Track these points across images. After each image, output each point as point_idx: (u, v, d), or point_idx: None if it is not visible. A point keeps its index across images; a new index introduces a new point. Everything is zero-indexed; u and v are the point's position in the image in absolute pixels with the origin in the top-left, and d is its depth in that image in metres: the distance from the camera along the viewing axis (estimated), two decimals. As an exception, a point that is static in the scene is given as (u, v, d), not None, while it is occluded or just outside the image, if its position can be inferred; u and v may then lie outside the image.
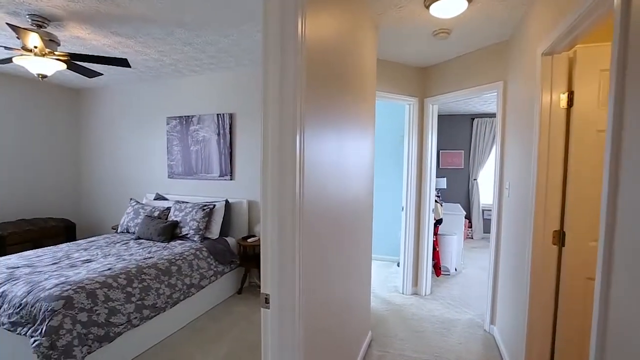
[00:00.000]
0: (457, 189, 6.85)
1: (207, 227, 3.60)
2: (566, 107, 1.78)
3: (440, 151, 6.69)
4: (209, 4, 2.29)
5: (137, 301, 2.42)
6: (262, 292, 1.19)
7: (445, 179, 6.33)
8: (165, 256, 2.91)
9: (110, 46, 3.05)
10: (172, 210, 3.75)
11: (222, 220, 3.70)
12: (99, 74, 3.03)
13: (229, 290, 3.58)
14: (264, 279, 1.19)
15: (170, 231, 3.50)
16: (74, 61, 2.68)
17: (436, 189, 3.92)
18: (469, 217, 6.68)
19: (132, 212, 3.89)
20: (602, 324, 1.03)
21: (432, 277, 3.91)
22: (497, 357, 2.51)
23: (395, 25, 2.53)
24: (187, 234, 3.53)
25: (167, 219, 3.71)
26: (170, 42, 2.97)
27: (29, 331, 2.00)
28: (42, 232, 4.12)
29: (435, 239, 4.07)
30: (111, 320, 2.21)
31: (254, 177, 3.86)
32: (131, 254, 2.95)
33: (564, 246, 1.81)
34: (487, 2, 2.15)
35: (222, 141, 4.00)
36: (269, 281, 1.18)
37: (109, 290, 2.29)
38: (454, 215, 4.67)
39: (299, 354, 1.27)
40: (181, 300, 2.82)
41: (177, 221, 3.60)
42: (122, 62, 2.69)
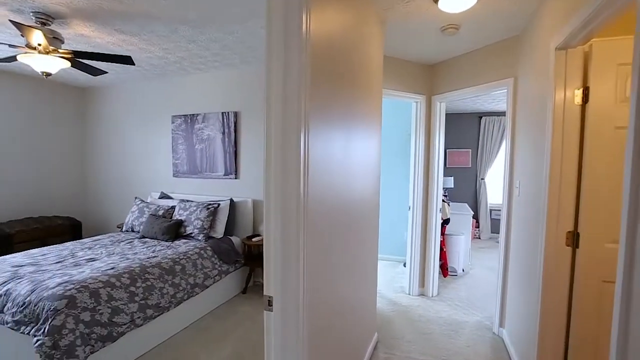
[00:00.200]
0: (464, 189, 6.77)
1: (212, 226, 3.57)
2: (581, 103, 1.72)
3: (447, 150, 6.61)
4: (213, 1, 2.26)
5: (141, 301, 2.40)
6: (265, 294, 1.15)
7: (452, 178, 6.25)
8: (169, 255, 2.90)
9: (114, 44, 3.04)
10: (176, 209, 3.74)
11: (226, 219, 3.67)
12: (103, 72, 3.02)
13: (233, 289, 3.56)
14: (266, 280, 1.15)
15: (174, 230, 3.48)
16: (77, 59, 2.67)
17: (443, 189, 3.86)
18: (476, 216, 6.59)
19: (137, 211, 3.88)
20: (623, 328, 0.98)
21: (439, 277, 3.85)
22: (506, 361, 2.45)
23: (402, 20, 2.47)
24: (191, 233, 3.51)
25: (171, 217, 3.70)
26: (174, 40, 2.95)
27: (32, 330, 1.99)
28: (49, 231, 4.14)
29: (442, 239, 4.01)
30: (114, 319, 2.19)
31: (259, 176, 3.83)
32: (135, 253, 2.94)
33: (577, 248, 1.74)
34: (498, -5, 2.10)
35: (226, 140, 3.97)
36: (272, 283, 1.14)
37: (112, 289, 2.27)
38: (462, 215, 4.60)
39: (303, 358, 1.23)
40: (185, 299, 2.79)
41: (181, 220, 3.58)
42: (126, 60, 2.67)
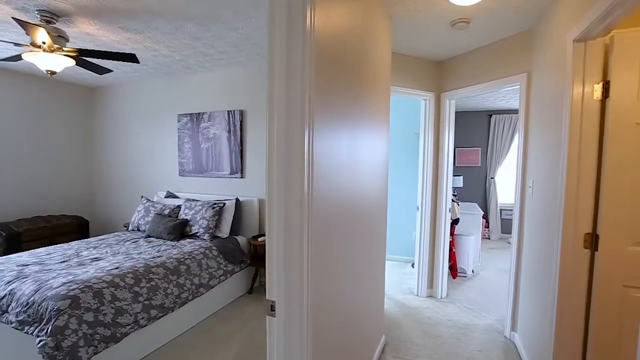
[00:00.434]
0: (473, 188, 6.65)
1: (217, 225, 3.54)
2: (601, 98, 1.63)
3: (456, 149, 6.49)
4: (217, -4, 2.22)
5: (145, 301, 2.37)
6: (267, 298, 1.10)
7: (461, 177, 6.13)
8: (174, 255, 2.87)
9: (119, 42, 3.02)
10: (182, 208, 3.71)
11: (232, 218, 3.64)
12: (108, 71, 3.00)
13: (239, 290, 3.52)
14: (269, 284, 1.10)
15: (180, 230, 3.46)
16: (82, 57, 2.65)
17: (452, 188, 3.78)
18: (486, 216, 6.46)
19: (143, 210, 3.87)
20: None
21: (448, 279, 3.77)
22: (519, 366, 2.37)
23: (410, 15, 2.40)
24: (197, 233, 3.48)
25: (177, 217, 3.68)
26: (179, 37, 2.92)
27: (36, 330, 1.97)
28: (56, 229, 4.16)
29: (451, 240, 3.92)
30: (118, 320, 2.16)
31: (265, 175, 3.78)
32: (140, 253, 2.92)
33: (596, 250, 1.66)
34: (511, -13, 2.01)
35: (232, 138, 3.94)
36: (274, 287, 1.09)
37: (116, 289, 2.25)
38: (471, 215, 4.50)
39: (308, 365, 1.18)
40: (190, 300, 2.76)
41: (187, 219, 3.56)
42: (130, 58, 2.64)
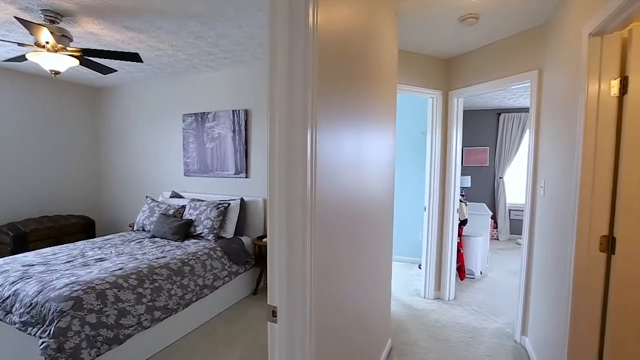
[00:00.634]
0: (481, 188, 6.54)
1: (222, 226, 3.52)
2: (618, 95, 1.55)
3: (463, 148, 6.39)
4: (220, -7, 2.19)
5: (148, 302, 2.35)
6: (268, 303, 1.06)
7: (469, 177, 6.03)
8: (178, 256, 2.85)
9: (123, 42, 3.00)
10: (187, 208, 3.70)
11: (237, 219, 3.61)
12: (112, 70, 2.99)
13: (243, 291, 3.50)
14: (270, 289, 1.06)
15: (184, 230, 3.44)
16: (86, 57, 2.64)
17: (460, 188, 3.70)
18: (494, 217, 6.36)
19: (148, 210, 3.86)
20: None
21: (456, 280, 3.69)
22: (530, 372, 2.30)
23: (417, 10, 2.34)
24: (201, 233, 3.46)
25: (182, 217, 3.66)
26: (183, 36, 2.89)
27: (38, 332, 1.96)
28: (63, 229, 4.17)
29: (459, 241, 3.84)
30: (121, 321, 2.14)
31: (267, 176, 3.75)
32: (144, 253, 2.90)
33: (613, 254, 1.58)
34: (523, -20, 1.94)
35: (237, 138, 3.91)
36: (276, 292, 1.05)
37: (119, 290, 2.23)
38: (480, 215, 4.41)
39: (311, 372, 1.13)
40: (194, 301, 2.74)
41: (191, 220, 3.54)
42: (134, 57, 2.63)
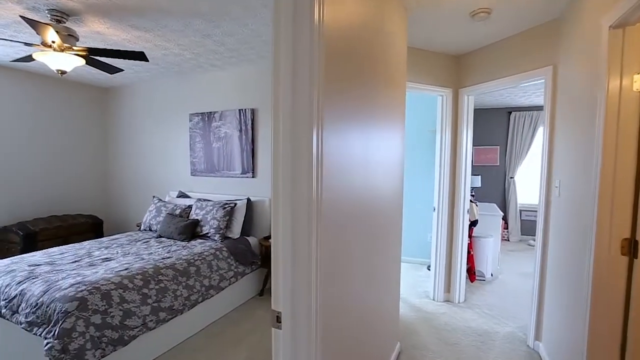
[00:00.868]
0: (492, 188, 6.42)
1: (228, 226, 3.49)
2: (641, 90, 1.48)
3: (473, 147, 6.28)
4: (225, -10, 2.15)
5: (154, 303, 2.33)
6: (272, 308, 1.01)
7: (480, 177, 5.92)
8: (183, 256, 2.82)
9: (130, 41, 3.00)
10: (193, 208, 3.68)
11: (243, 219, 3.58)
12: (119, 70, 2.99)
13: (249, 292, 3.46)
14: (274, 293, 1.01)
15: (191, 230, 3.43)
16: (92, 56, 2.63)
17: (470, 188, 3.62)
18: (505, 217, 6.23)
19: (155, 210, 3.86)
20: None
21: (466, 282, 3.61)
22: (544, 379, 2.22)
23: (427, 6, 2.28)
24: (207, 233, 3.44)
25: (188, 217, 3.65)
26: (189, 35, 2.87)
27: (44, 332, 1.95)
28: (71, 229, 4.19)
29: (469, 242, 3.76)
30: (126, 322, 2.12)
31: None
32: (150, 253, 2.89)
33: (636, 258, 1.51)
34: (538, -28, 1.87)
35: (244, 137, 3.88)
36: (280, 297, 1.00)
37: (124, 291, 2.21)
38: (490, 216, 4.32)
39: (317, 380, 1.09)
40: (199, 302, 2.71)
41: (198, 220, 3.52)
42: (140, 56, 2.61)
